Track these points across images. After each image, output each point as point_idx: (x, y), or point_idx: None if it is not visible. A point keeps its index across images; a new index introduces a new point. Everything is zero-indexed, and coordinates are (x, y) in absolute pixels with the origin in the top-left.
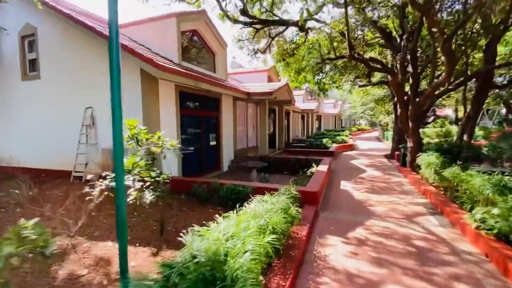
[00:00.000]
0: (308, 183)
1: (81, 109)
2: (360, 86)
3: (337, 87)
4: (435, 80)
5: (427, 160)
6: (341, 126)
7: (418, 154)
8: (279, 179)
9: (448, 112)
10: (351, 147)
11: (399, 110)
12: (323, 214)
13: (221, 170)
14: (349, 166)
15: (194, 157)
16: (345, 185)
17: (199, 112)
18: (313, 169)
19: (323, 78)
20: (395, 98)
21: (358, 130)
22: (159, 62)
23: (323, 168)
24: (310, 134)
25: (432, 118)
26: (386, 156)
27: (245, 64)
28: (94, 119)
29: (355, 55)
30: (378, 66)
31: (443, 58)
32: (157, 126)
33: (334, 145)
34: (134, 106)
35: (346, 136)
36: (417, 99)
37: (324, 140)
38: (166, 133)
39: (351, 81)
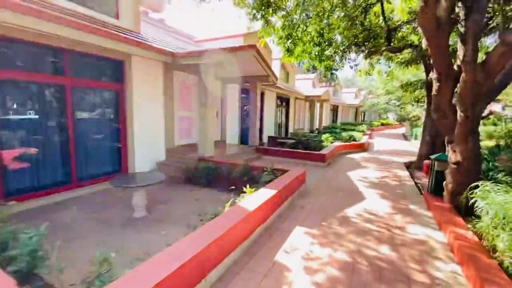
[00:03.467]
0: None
1: None
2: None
3: (341, 65)
4: None
5: (503, 207)
6: (362, 119)
7: (473, 184)
8: (178, 207)
9: (495, 108)
10: (362, 147)
11: (435, 90)
12: None
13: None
14: (339, 184)
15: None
16: (295, 245)
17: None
18: (246, 195)
19: (325, 49)
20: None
21: (382, 124)
22: None
23: (262, 196)
24: (319, 127)
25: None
26: (409, 166)
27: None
28: None
29: None
30: None
31: None
32: None
33: (335, 144)
34: None
35: (360, 131)
36: (483, 61)
37: (323, 136)
38: None
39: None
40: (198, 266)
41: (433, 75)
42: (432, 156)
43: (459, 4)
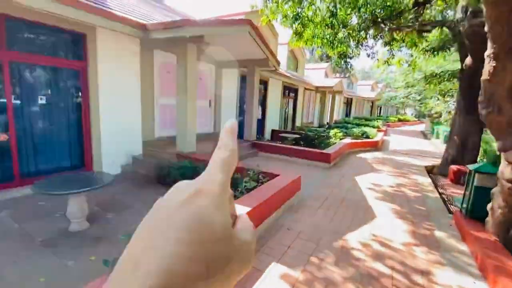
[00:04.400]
0: None
1: None
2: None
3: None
4: None
5: None
6: (378, 114)
7: None
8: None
9: None
10: (376, 146)
11: (487, 73)
12: None
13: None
14: (343, 193)
15: None
16: None
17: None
18: None
19: (338, 31)
20: (466, 61)
21: (399, 120)
22: None
23: None
24: (330, 121)
25: None
26: (431, 171)
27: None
28: None
29: None
30: None
31: None
32: None
33: (344, 141)
34: None
35: (375, 127)
36: None
37: (332, 132)
38: None
39: (385, 37)
40: None
41: (487, 51)
42: (471, 166)
43: None
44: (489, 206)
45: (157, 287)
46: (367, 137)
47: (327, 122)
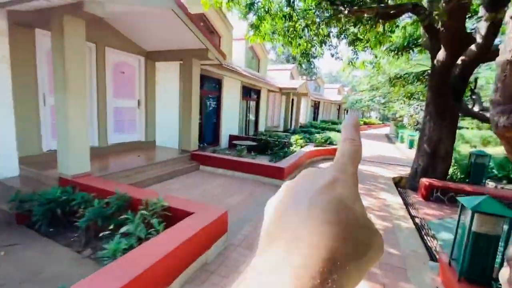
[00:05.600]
0: None
1: None
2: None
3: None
4: None
5: None
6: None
7: None
8: None
9: None
10: None
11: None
12: None
13: None
14: None
15: None
16: None
17: None
18: None
19: (297, 22)
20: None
21: (365, 123)
22: None
23: None
24: (295, 125)
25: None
26: (399, 182)
27: None
28: None
29: None
30: None
31: None
32: None
33: (305, 149)
34: None
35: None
36: None
37: (293, 138)
38: None
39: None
40: None
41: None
42: (465, 200)
43: None
44: (502, 272)
45: (327, 260)
46: (331, 143)
47: (292, 126)
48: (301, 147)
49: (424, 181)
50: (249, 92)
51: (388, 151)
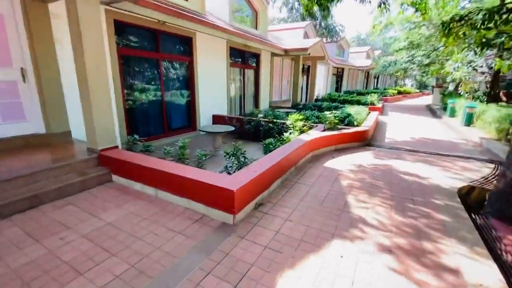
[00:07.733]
0: None
1: None
2: None
3: None
4: None
5: None
6: (375, 86)
7: None
8: None
9: None
10: (363, 138)
11: None
12: None
13: None
14: None
15: None
16: None
17: None
18: None
19: None
20: None
21: (399, 93)
22: None
23: None
24: (310, 98)
25: None
26: (467, 195)
27: None
28: None
29: None
30: None
31: None
32: None
33: (304, 137)
34: None
35: (368, 103)
36: None
37: (290, 119)
38: None
39: None
40: None
41: None
42: None
43: None
44: None
45: None
46: (350, 123)
47: (305, 100)
48: (301, 132)
49: None
50: (243, 57)
51: (435, 130)
